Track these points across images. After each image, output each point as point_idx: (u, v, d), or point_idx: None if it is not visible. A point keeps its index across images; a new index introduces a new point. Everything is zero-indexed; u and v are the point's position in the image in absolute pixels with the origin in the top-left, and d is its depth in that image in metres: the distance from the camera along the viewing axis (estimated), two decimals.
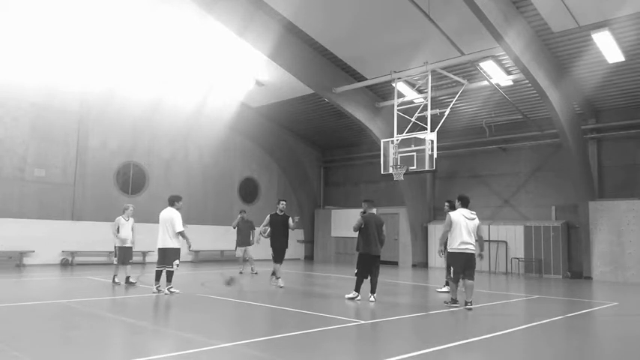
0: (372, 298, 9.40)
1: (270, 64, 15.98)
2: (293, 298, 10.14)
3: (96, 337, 6.04)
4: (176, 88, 18.24)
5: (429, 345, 6.08)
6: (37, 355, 5.04)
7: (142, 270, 15.02)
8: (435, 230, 18.72)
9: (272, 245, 11.27)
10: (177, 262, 9.65)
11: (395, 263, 20.11)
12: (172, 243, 9.65)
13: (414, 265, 19.54)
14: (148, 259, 17.67)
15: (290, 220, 11.34)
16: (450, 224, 8.92)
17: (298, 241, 23.07)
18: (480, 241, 8.99)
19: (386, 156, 13.29)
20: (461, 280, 8.95)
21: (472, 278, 8.75)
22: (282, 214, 11.36)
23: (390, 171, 13.04)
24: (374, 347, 5.93)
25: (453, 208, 10.04)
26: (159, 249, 9.71)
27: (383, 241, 9.79)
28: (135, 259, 17.48)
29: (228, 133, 20.69)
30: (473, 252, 8.79)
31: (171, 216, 9.66)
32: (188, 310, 8.42)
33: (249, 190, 21.81)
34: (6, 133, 15.31)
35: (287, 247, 11.49)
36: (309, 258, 22.98)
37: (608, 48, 12.46)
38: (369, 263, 9.64)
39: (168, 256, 9.64)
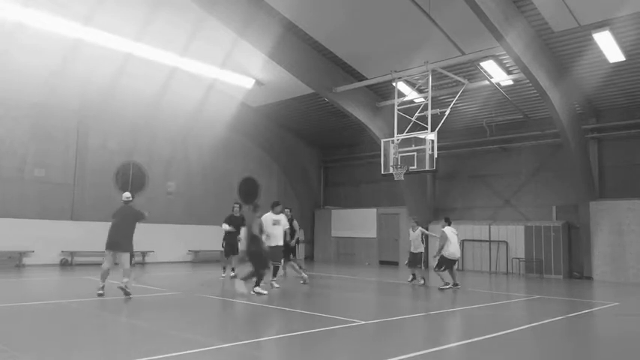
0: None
1: (270, 63, 15.96)
2: (293, 298, 10.12)
3: (96, 338, 6.02)
4: (176, 88, 18.22)
5: (429, 345, 6.07)
6: (37, 355, 5.02)
7: (141, 270, 14.99)
8: (436, 230, 18.68)
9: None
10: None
11: (395, 263, 20.09)
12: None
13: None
14: (147, 259, 17.67)
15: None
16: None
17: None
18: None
19: (386, 156, 13.27)
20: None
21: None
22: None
23: (391, 171, 13.02)
24: (374, 347, 5.91)
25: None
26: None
27: None
28: (134, 259, 17.58)
29: (228, 133, 20.67)
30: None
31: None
32: (188, 310, 8.40)
33: (249, 190, 21.78)
34: (6, 133, 15.27)
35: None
36: (309, 258, 22.96)
37: (608, 48, 12.44)
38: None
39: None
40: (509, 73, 14.52)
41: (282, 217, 10.95)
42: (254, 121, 21.17)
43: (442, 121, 13.44)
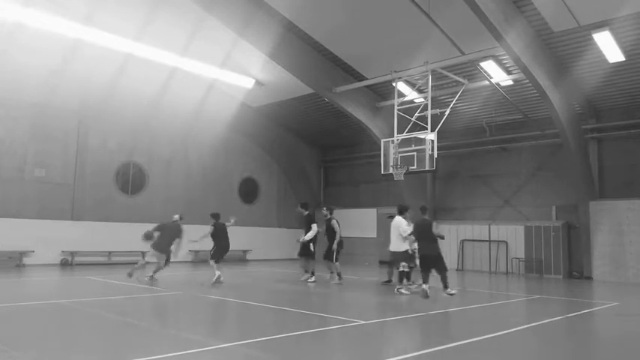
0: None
1: (270, 63, 15.96)
2: (293, 298, 10.12)
3: (96, 338, 6.03)
4: (176, 88, 18.22)
5: (428, 345, 6.07)
6: (36, 355, 5.03)
7: (142, 270, 14.98)
8: (436, 230, 18.68)
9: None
10: (403, 263, 10.68)
11: None
12: (400, 247, 10.74)
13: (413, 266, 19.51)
14: (147, 258, 17.64)
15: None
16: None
17: (298, 241, 23.03)
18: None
19: (386, 156, 13.27)
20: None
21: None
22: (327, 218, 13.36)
23: (390, 171, 13.02)
24: (374, 347, 5.91)
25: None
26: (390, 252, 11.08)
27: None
28: (134, 259, 17.62)
29: (228, 133, 20.67)
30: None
31: (399, 223, 10.79)
32: (188, 310, 8.41)
33: (249, 190, 21.79)
34: (6, 133, 15.28)
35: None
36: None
37: (608, 48, 12.44)
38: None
39: (397, 258, 10.83)
40: (509, 73, 14.52)
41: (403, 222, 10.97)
42: (254, 121, 21.16)
43: (442, 121, 13.44)
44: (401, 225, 10.72)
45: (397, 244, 10.76)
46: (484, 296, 11.15)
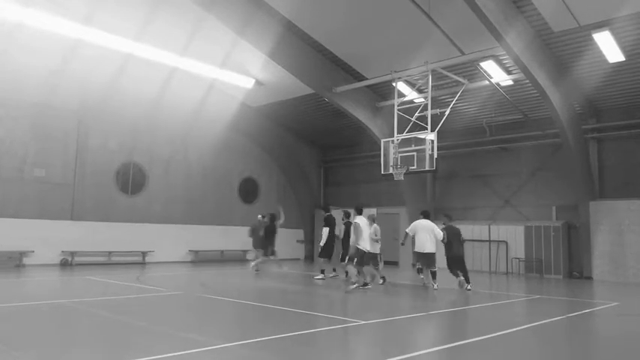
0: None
1: (270, 63, 15.96)
2: (293, 298, 10.13)
3: (96, 337, 6.03)
4: (176, 88, 18.22)
5: (429, 345, 6.07)
6: (36, 355, 5.03)
7: (142, 270, 15.00)
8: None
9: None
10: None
11: (395, 263, 20.09)
12: (434, 248, 11.45)
13: (414, 265, 19.51)
14: (147, 259, 17.65)
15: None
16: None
17: (298, 241, 23.07)
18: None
19: (386, 156, 13.27)
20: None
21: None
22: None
23: (391, 171, 13.02)
24: (374, 347, 5.91)
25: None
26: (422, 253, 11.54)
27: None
28: (134, 259, 17.61)
29: (228, 133, 20.67)
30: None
31: (433, 226, 11.51)
32: (188, 310, 8.41)
33: (249, 190, 21.80)
34: (6, 133, 15.27)
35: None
36: (309, 258, 22.97)
37: (608, 48, 12.44)
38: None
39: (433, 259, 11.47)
40: (509, 73, 14.52)
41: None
42: (254, 121, 21.17)
43: (442, 121, 13.43)
44: (435, 228, 11.42)
45: (433, 246, 11.37)
46: (484, 296, 11.15)
